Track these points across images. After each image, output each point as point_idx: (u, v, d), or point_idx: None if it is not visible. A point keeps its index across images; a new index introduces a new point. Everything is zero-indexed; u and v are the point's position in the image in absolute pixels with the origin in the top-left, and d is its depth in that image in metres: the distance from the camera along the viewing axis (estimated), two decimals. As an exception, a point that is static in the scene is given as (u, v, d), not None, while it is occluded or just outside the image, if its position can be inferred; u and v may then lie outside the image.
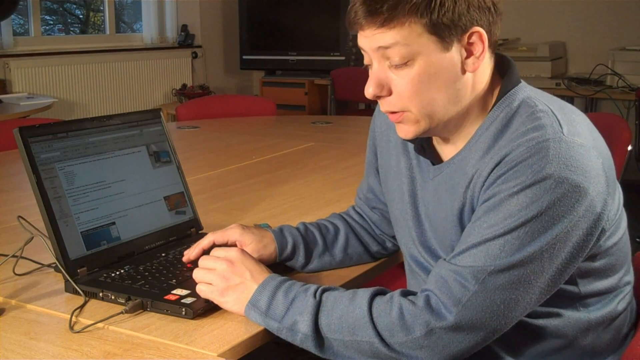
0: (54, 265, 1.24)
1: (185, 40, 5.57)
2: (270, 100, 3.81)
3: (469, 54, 1.00)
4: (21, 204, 1.76)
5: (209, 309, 1.08)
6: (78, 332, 1.03)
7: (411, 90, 0.99)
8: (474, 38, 0.99)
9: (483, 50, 1.00)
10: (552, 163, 0.93)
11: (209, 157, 2.44)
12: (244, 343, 1.01)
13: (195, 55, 5.65)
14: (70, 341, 1.00)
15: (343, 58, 5.44)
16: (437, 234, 1.11)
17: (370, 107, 5.50)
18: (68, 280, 1.15)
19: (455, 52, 0.99)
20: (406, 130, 1.05)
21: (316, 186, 1.95)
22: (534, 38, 4.93)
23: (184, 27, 5.57)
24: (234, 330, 1.03)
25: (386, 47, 0.98)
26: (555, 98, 1.06)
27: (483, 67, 1.03)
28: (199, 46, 5.68)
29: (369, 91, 1.02)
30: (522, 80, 1.06)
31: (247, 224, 1.54)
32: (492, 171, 0.98)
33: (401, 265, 1.30)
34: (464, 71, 1.00)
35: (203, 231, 1.42)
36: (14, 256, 1.33)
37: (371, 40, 0.99)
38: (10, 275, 1.25)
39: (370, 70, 1.04)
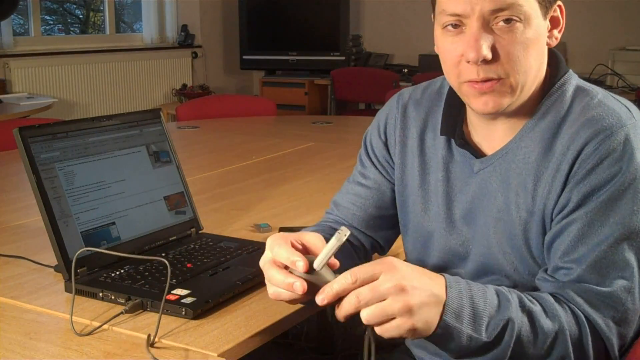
0: (54, 265, 1.24)
1: (185, 40, 5.57)
2: (270, 100, 3.81)
3: (553, 26, 1.00)
4: (21, 204, 1.76)
5: (209, 309, 1.08)
6: (83, 335, 1.02)
7: (516, 53, 0.95)
8: (558, 12, 1.00)
9: (563, 25, 1.01)
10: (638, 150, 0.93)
11: (209, 157, 2.44)
12: (244, 343, 1.01)
13: (195, 55, 5.65)
14: (70, 341, 1.00)
15: (343, 58, 5.45)
16: (481, 232, 1.05)
17: (370, 106, 5.50)
18: (68, 280, 1.15)
19: (546, 22, 0.98)
20: (493, 101, 0.97)
21: (316, 186, 1.95)
22: (534, 38, 4.91)
23: (184, 27, 5.57)
24: (234, 330, 1.03)
25: (503, 9, 0.93)
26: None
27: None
28: (199, 46, 5.68)
29: (471, 56, 0.94)
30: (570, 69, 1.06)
31: (247, 224, 1.56)
32: (575, 162, 0.95)
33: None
34: (547, 44, 1.00)
35: (203, 231, 1.42)
36: (14, 256, 1.34)
37: (485, 2, 0.93)
38: (10, 275, 1.25)
39: (453, 37, 0.97)
